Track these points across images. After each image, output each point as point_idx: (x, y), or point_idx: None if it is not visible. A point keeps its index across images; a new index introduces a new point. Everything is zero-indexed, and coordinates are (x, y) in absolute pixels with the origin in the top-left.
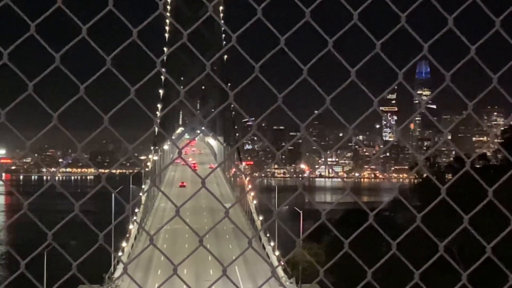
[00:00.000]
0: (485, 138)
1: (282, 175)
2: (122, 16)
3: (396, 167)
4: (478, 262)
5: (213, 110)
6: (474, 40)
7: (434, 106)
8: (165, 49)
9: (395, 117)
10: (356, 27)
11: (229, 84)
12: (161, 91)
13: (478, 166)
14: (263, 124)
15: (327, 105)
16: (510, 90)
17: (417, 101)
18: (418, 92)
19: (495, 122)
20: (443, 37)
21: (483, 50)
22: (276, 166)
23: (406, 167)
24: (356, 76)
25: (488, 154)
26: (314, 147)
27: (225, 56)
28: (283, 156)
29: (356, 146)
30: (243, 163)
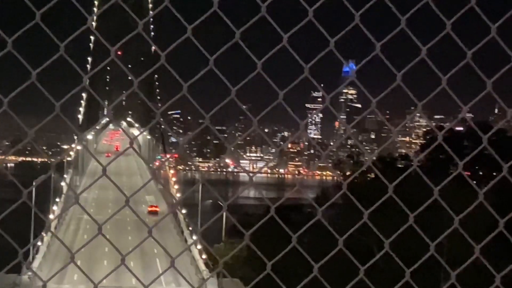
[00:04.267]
0: (407, 139)
1: (206, 169)
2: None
3: (320, 164)
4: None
5: (139, 101)
6: (425, 42)
7: (359, 105)
8: (92, 37)
9: (321, 115)
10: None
11: (156, 76)
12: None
13: (400, 165)
14: (189, 118)
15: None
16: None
17: (342, 99)
18: (344, 90)
19: (417, 123)
20: (394, 37)
21: (434, 52)
22: (200, 160)
23: (330, 165)
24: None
25: (410, 154)
26: (240, 142)
27: (153, 48)
28: (208, 150)
29: (281, 142)
30: (168, 156)
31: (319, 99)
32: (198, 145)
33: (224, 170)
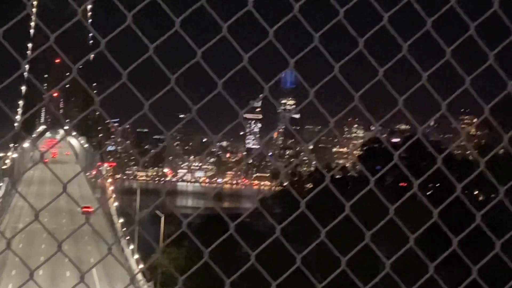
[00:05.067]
0: (344, 149)
1: (144, 178)
2: None
3: (258, 174)
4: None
5: (76, 109)
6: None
7: (298, 116)
8: (29, 45)
9: (260, 125)
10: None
11: (94, 84)
12: (23, 88)
13: (338, 176)
14: (127, 127)
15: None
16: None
17: (281, 110)
18: (283, 101)
19: (355, 134)
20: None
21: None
22: (139, 169)
23: (268, 175)
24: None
25: (348, 165)
26: (178, 151)
27: (91, 55)
28: (146, 159)
29: (220, 152)
30: (106, 164)
31: (258, 109)
32: (136, 154)
33: (163, 179)
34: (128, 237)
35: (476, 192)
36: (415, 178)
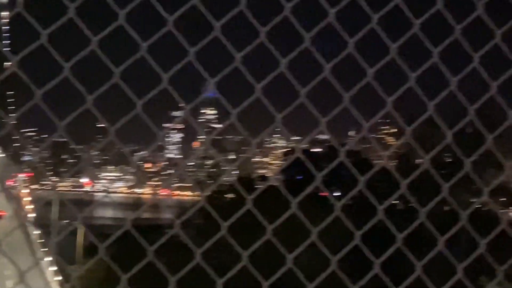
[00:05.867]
0: (265, 159)
1: (63, 188)
2: None
3: (179, 184)
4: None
5: None
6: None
7: (220, 126)
8: None
9: (182, 134)
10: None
11: (8, 93)
12: None
13: (259, 186)
14: (45, 136)
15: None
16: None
17: (202, 120)
18: (203, 111)
19: (275, 144)
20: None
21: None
22: (57, 179)
23: (190, 185)
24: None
25: (268, 175)
26: (96, 161)
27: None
28: (65, 169)
29: (140, 162)
30: (22, 175)
31: (177, 119)
32: (53, 164)
33: (81, 189)
34: (45, 249)
35: (396, 202)
36: (337, 188)
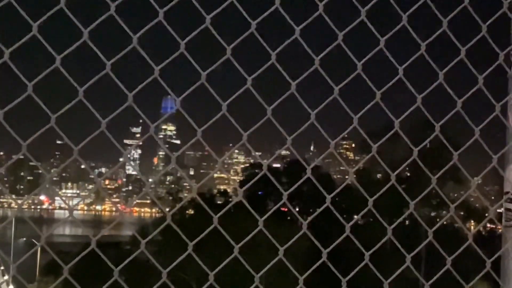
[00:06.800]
0: (225, 175)
1: (20, 206)
2: None
3: (138, 201)
4: None
5: None
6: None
7: (179, 142)
8: None
9: (140, 151)
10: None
11: None
12: None
13: (219, 202)
14: (1, 153)
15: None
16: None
17: (161, 136)
18: (163, 126)
19: (236, 160)
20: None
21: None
22: (14, 196)
23: (148, 201)
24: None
25: (229, 190)
26: (55, 178)
27: None
28: (22, 186)
29: (99, 179)
30: None
31: (138, 135)
32: (11, 181)
33: (39, 207)
34: (1, 267)
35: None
36: (298, 203)
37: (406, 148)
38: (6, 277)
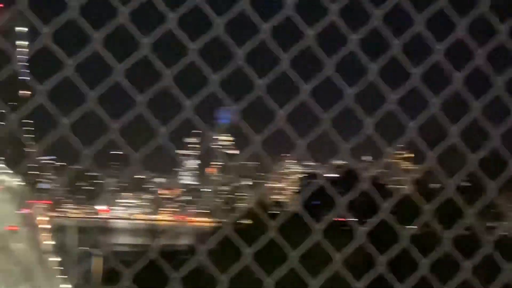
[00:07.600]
0: (279, 185)
1: (80, 215)
2: None
3: (196, 210)
4: None
5: (9, 145)
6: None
7: (237, 152)
8: None
9: (198, 161)
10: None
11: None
12: None
13: (274, 212)
14: (59, 164)
15: None
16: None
17: (215, 146)
18: (216, 137)
19: (290, 170)
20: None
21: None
22: (73, 206)
23: (205, 211)
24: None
25: (284, 200)
26: (111, 188)
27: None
28: (82, 196)
29: (156, 189)
30: (39, 202)
31: (190, 146)
32: (71, 191)
33: (98, 216)
34: (63, 276)
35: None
36: (354, 213)
37: (463, 157)
38: (69, 286)
